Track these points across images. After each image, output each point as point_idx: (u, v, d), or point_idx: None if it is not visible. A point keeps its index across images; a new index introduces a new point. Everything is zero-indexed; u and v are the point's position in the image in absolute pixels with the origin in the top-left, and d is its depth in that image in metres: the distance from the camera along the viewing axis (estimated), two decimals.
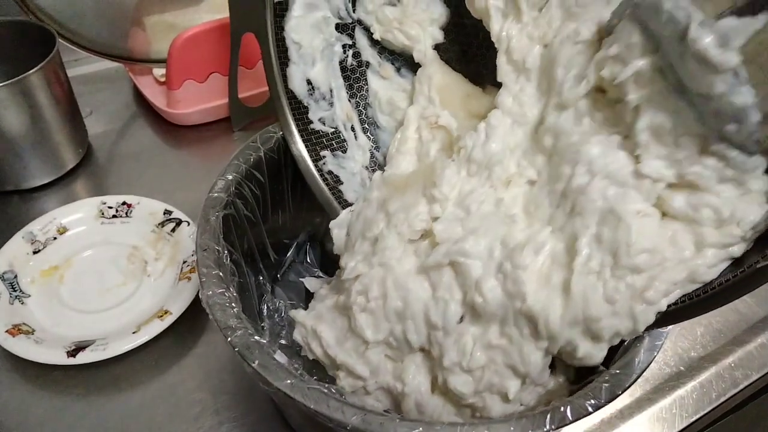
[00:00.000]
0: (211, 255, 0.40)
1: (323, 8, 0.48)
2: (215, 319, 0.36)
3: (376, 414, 0.33)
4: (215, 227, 0.42)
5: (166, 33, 0.74)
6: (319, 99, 0.50)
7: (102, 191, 0.69)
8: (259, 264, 0.50)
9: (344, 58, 0.51)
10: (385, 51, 0.52)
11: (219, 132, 0.77)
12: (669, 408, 0.51)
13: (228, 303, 0.37)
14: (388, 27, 0.50)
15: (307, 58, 0.49)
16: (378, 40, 0.50)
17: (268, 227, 0.50)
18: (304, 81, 0.49)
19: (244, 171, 0.46)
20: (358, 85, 0.51)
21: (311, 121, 0.49)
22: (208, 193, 0.44)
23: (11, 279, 0.57)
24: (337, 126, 0.50)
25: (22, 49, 0.68)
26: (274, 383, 0.33)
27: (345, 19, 0.50)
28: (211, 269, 0.39)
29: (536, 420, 0.32)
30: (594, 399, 0.33)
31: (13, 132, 0.64)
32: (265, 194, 0.48)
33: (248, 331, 0.36)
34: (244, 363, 0.35)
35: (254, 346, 0.35)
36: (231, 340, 0.35)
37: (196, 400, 0.50)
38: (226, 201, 0.44)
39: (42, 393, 0.50)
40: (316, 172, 0.49)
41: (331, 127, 0.50)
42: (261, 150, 0.48)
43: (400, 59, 0.52)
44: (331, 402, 0.33)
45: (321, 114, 0.50)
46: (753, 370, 0.54)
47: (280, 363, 0.34)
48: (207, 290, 0.38)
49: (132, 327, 0.53)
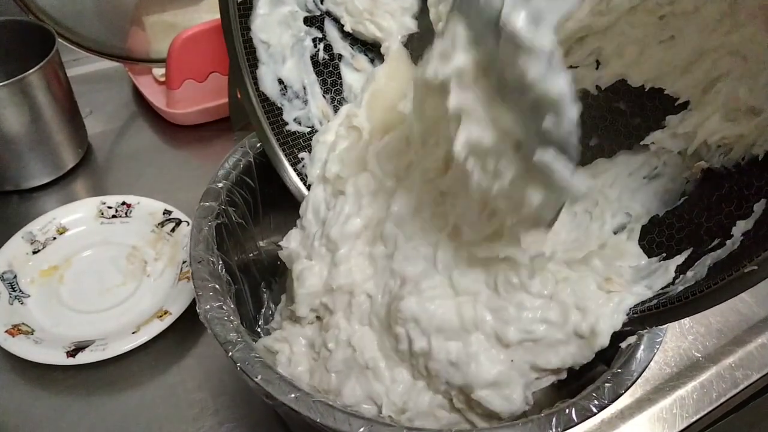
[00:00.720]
0: (206, 267, 0.40)
1: (289, 2, 0.47)
2: (215, 333, 0.36)
3: (384, 425, 0.33)
4: (208, 238, 0.41)
5: (165, 33, 0.74)
6: (292, 98, 0.48)
7: (101, 191, 0.69)
8: (253, 269, 0.50)
9: (315, 53, 0.49)
10: (357, 42, 0.50)
11: (219, 132, 0.77)
12: (669, 408, 0.51)
13: (226, 317, 0.37)
14: (358, 18, 0.48)
15: (276, 56, 0.47)
16: (349, 31, 0.49)
17: (260, 231, 0.50)
18: (275, 81, 0.48)
19: (234, 177, 0.46)
20: (331, 79, 0.50)
21: (286, 123, 0.48)
22: (199, 202, 0.43)
23: (11, 279, 0.57)
24: (314, 125, 0.49)
25: (21, 49, 0.67)
26: (278, 397, 0.33)
27: (313, 12, 0.48)
28: (207, 282, 0.39)
29: (542, 423, 0.32)
30: (597, 400, 0.33)
31: (12, 132, 0.64)
32: (256, 199, 0.48)
33: (249, 345, 0.36)
34: (246, 378, 0.34)
35: (255, 360, 0.35)
36: (232, 355, 0.35)
37: (196, 400, 0.50)
38: (218, 210, 0.43)
39: (42, 393, 0.50)
40: (295, 175, 0.48)
41: (307, 126, 0.49)
42: (250, 154, 0.47)
43: (374, 50, 0.50)
44: (337, 414, 0.33)
45: (296, 113, 0.49)
46: (753, 370, 0.54)
47: (283, 376, 0.34)
48: (204, 304, 0.38)
49: (132, 327, 0.53)
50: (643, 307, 0.37)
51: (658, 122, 0.39)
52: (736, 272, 0.32)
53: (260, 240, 0.50)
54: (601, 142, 0.43)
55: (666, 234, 0.39)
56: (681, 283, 0.36)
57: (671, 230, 0.39)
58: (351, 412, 0.33)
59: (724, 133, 0.35)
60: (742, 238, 0.33)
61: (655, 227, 0.40)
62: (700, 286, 0.34)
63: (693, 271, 0.35)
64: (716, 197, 0.36)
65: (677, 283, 0.36)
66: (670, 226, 0.39)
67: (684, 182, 0.39)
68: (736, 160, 0.35)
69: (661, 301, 0.36)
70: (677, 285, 0.36)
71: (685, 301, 0.34)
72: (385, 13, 0.48)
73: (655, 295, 0.37)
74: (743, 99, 0.34)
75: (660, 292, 0.37)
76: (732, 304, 0.59)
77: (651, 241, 0.40)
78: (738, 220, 0.34)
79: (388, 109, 0.46)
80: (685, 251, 0.37)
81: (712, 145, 0.36)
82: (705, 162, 0.37)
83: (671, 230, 0.39)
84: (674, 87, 0.38)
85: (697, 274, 0.35)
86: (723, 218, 0.35)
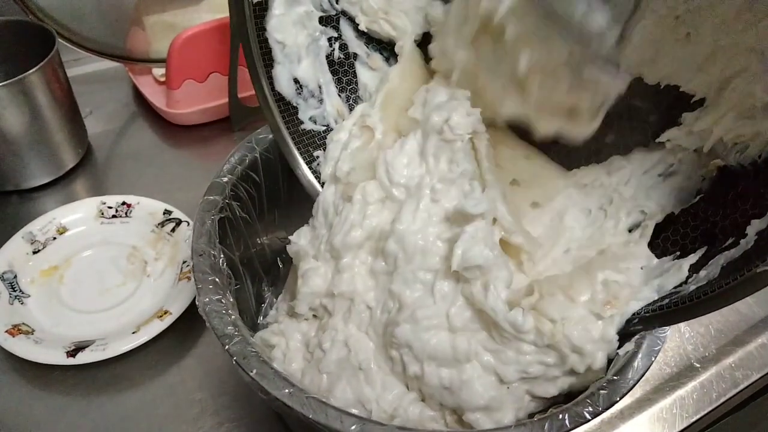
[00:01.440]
0: (207, 260, 0.40)
1: (305, 2, 0.47)
2: (212, 326, 0.36)
3: (375, 423, 0.33)
4: (211, 231, 0.42)
5: (165, 33, 0.74)
6: (308, 97, 0.49)
7: (101, 191, 0.69)
8: (255, 263, 0.50)
9: (330, 52, 0.49)
10: (373, 41, 0.50)
11: (219, 132, 0.77)
12: (669, 408, 0.51)
13: (225, 310, 0.37)
14: (373, 17, 0.48)
15: (292, 56, 0.47)
16: (364, 30, 0.49)
17: (264, 227, 0.50)
18: (291, 81, 0.48)
19: (239, 172, 0.46)
20: (347, 78, 0.50)
21: (302, 122, 0.49)
22: (203, 195, 0.44)
23: (11, 279, 0.57)
24: (329, 123, 0.50)
25: (21, 49, 0.67)
26: (272, 392, 0.33)
27: (328, 11, 0.48)
28: (207, 275, 0.39)
29: (534, 428, 0.32)
30: (591, 407, 0.33)
31: (12, 132, 0.64)
32: (261, 194, 0.48)
33: (246, 339, 0.36)
34: (242, 372, 0.34)
35: (251, 354, 0.35)
36: (228, 348, 0.35)
37: (196, 401, 0.50)
38: (222, 204, 0.44)
39: (42, 393, 0.50)
40: (310, 173, 0.48)
41: (322, 125, 0.49)
42: (256, 150, 0.47)
43: (389, 49, 0.50)
44: (329, 411, 0.33)
45: (311, 113, 0.49)
46: (753, 370, 0.54)
47: (278, 371, 0.34)
48: (204, 297, 0.38)
49: (132, 327, 0.53)
50: (654, 307, 0.37)
51: (674, 120, 0.39)
52: (749, 272, 0.31)
53: (264, 236, 0.50)
54: (617, 139, 0.43)
55: (681, 232, 0.39)
56: (693, 282, 0.35)
57: (686, 228, 0.39)
58: (343, 410, 0.33)
59: (739, 131, 0.35)
60: (756, 237, 0.33)
61: (670, 225, 0.40)
62: (712, 285, 0.34)
63: (706, 270, 0.35)
64: (732, 195, 0.36)
65: (690, 282, 0.36)
66: (685, 225, 0.39)
67: (699, 180, 0.39)
68: (753, 158, 0.35)
69: (672, 300, 0.36)
70: (690, 284, 0.36)
71: (697, 301, 0.34)
72: (400, 11, 0.48)
73: (666, 294, 0.37)
74: (759, 96, 0.34)
75: (672, 291, 0.37)
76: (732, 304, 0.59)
77: (665, 240, 0.39)
78: (753, 219, 0.34)
79: (401, 110, 0.46)
80: (700, 250, 0.37)
81: (728, 143, 0.36)
82: (721, 160, 0.37)
83: (686, 228, 0.39)
84: (690, 84, 0.38)
85: (709, 274, 0.35)
86: (738, 217, 0.35)
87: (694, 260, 0.37)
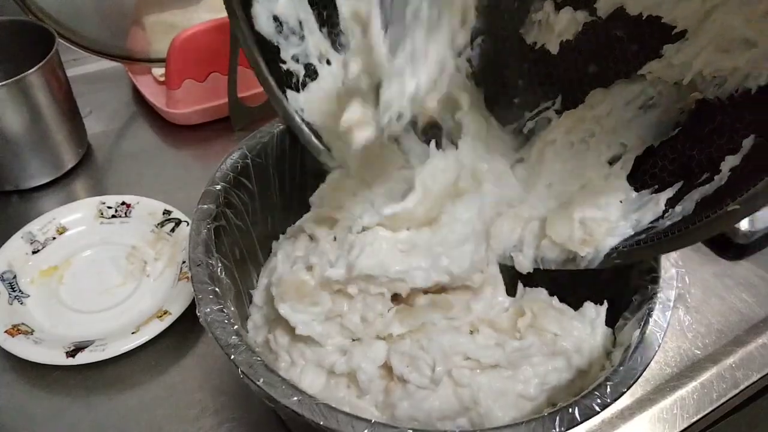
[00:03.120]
0: (205, 270, 0.39)
1: None
2: (215, 337, 0.36)
3: (387, 426, 0.32)
4: (207, 240, 0.41)
5: (165, 32, 0.74)
6: (288, 35, 0.47)
7: (101, 191, 0.69)
8: (249, 268, 0.49)
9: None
10: None
11: (219, 132, 0.77)
12: (670, 408, 0.51)
13: (227, 320, 0.37)
14: None
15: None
16: None
17: (258, 233, 0.49)
18: (270, 19, 0.46)
19: (231, 179, 0.45)
20: (327, 12, 0.49)
21: (284, 61, 0.48)
22: (197, 204, 0.43)
23: (10, 279, 0.57)
24: (312, 62, 0.49)
25: (21, 49, 0.67)
26: (281, 401, 0.33)
27: None
28: (207, 285, 0.39)
29: (545, 422, 0.32)
30: (600, 398, 0.33)
31: (12, 132, 0.64)
32: (254, 201, 0.48)
33: (250, 347, 0.36)
34: (248, 381, 0.34)
35: (257, 363, 0.35)
36: (234, 358, 0.35)
37: (196, 401, 0.50)
38: (216, 212, 0.43)
39: (41, 393, 0.50)
40: (299, 119, 0.48)
41: (304, 63, 0.48)
42: (248, 156, 0.47)
43: None
44: (340, 417, 0.32)
45: (293, 51, 0.48)
46: (754, 370, 0.54)
47: (285, 379, 0.34)
48: (204, 307, 0.37)
49: (131, 327, 0.53)
50: (632, 242, 0.40)
51: (655, 51, 0.39)
52: (720, 210, 0.34)
53: (258, 242, 0.50)
54: (599, 70, 0.43)
55: (659, 165, 0.40)
56: (669, 218, 0.38)
57: (664, 161, 0.40)
58: (354, 414, 0.33)
59: (718, 65, 0.36)
60: (729, 173, 0.35)
61: (649, 158, 0.41)
62: (686, 222, 0.36)
63: (681, 205, 0.37)
64: (708, 130, 0.37)
65: (666, 217, 0.38)
66: (663, 158, 0.40)
67: (679, 113, 0.40)
68: (730, 92, 0.36)
69: (649, 235, 0.39)
70: (666, 219, 0.38)
71: (672, 236, 0.37)
72: None
73: (643, 230, 0.39)
74: (738, 29, 0.34)
75: (648, 226, 0.39)
76: (732, 304, 0.59)
77: (644, 172, 0.41)
78: (728, 154, 0.35)
79: None
80: (676, 184, 0.38)
81: (707, 77, 0.37)
82: (699, 93, 0.38)
83: (664, 161, 0.40)
84: (671, 15, 0.38)
85: (684, 209, 0.37)
86: (713, 151, 0.37)
87: (670, 194, 0.38)
